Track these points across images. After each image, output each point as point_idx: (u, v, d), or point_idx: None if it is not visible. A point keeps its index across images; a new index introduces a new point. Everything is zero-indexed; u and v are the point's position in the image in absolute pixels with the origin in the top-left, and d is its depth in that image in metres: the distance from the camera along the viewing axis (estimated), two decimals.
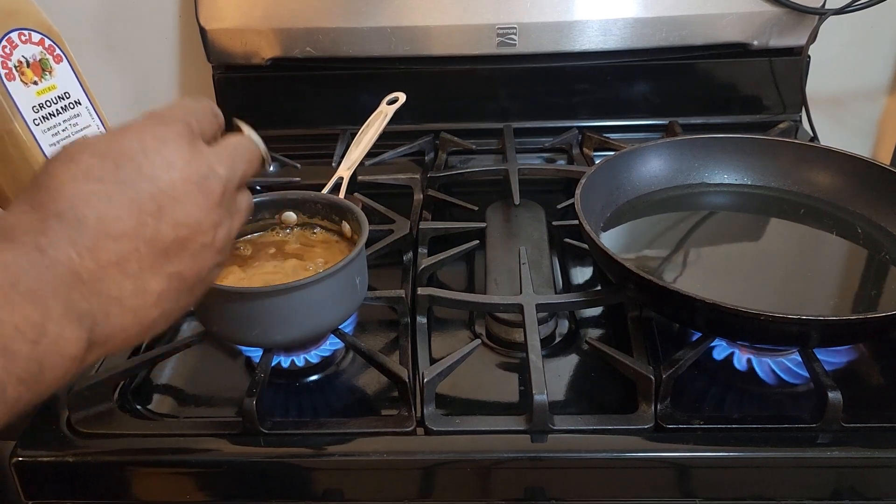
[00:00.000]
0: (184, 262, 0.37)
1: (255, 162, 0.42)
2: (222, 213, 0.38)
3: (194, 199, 0.37)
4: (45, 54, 0.49)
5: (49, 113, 0.49)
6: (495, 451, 0.48)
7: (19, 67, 0.47)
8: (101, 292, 0.34)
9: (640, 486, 0.49)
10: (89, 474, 0.50)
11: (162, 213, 0.35)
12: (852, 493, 0.48)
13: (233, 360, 0.59)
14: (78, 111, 0.51)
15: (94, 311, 0.33)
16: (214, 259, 0.39)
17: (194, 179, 0.37)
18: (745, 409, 0.52)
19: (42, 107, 0.48)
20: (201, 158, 0.38)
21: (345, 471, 0.49)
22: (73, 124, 0.50)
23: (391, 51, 0.86)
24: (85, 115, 0.51)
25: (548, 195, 0.78)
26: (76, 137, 0.49)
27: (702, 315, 0.51)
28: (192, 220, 0.36)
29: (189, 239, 0.36)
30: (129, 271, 0.34)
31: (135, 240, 0.34)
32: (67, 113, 0.50)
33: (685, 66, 0.88)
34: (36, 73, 0.48)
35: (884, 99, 0.98)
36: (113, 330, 0.34)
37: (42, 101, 0.48)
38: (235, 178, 0.40)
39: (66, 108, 0.50)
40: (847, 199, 0.66)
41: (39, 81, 0.48)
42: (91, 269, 0.33)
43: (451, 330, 0.61)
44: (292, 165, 0.86)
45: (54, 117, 0.49)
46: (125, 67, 0.98)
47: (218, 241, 0.38)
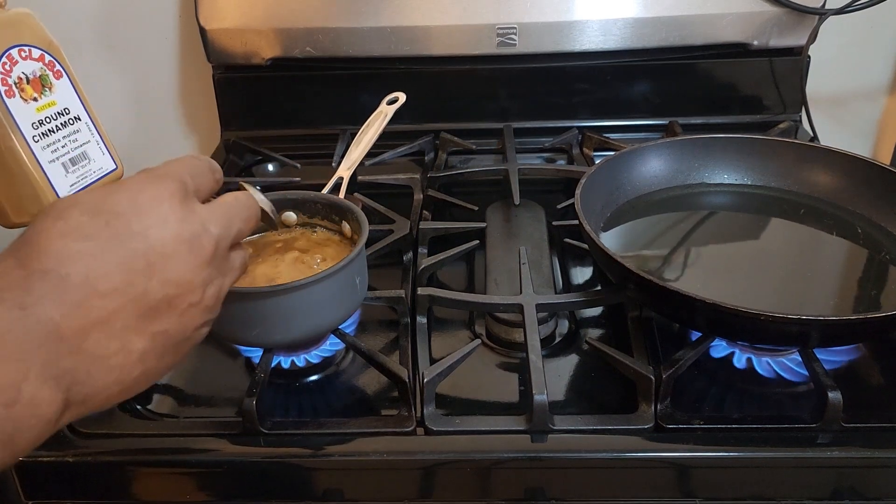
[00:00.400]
0: (170, 321, 0.36)
1: (251, 220, 0.42)
2: (213, 271, 0.38)
3: (184, 257, 0.36)
4: (45, 70, 0.49)
5: (49, 129, 0.48)
6: (495, 451, 0.48)
7: (19, 84, 0.47)
8: (83, 350, 0.33)
9: (640, 486, 0.49)
10: (89, 474, 0.50)
11: (151, 271, 0.35)
12: (852, 493, 0.48)
13: (233, 360, 0.59)
14: (77, 127, 0.50)
15: (75, 370, 0.33)
16: (202, 318, 0.38)
17: (186, 238, 0.36)
18: (745, 409, 0.52)
19: (42, 123, 0.48)
20: (194, 217, 0.37)
21: (345, 471, 0.49)
22: (72, 140, 0.50)
23: (391, 51, 0.86)
24: (84, 130, 0.51)
25: (548, 195, 0.78)
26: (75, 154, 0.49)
27: (702, 315, 0.51)
28: (181, 278, 0.36)
29: (177, 297, 0.36)
30: (113, 330, 0.34)
31: (122, 298, 0.34)
32: (67, 129, 0.50)
33: (685, 66, 0.88)
34: (36, 90, 0.48)
35: (884, 99, 0.98)
36: (92, 389, 0.34)
37: (42, 118, 0.48)
38: (229, 236, 0.39)
39: (65, 123, 0.49)
40: (847, 199, 0.66)
41: (39, 98, 0.48)
42: (74, 328, 0.33)
43: (451, 330, 0.61)
44: (292, 165, 0.86)
45: (54, 133, 0.49)
46: (125, 67, 0.98)
47: (207, 299, 0.38)
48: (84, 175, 0.50)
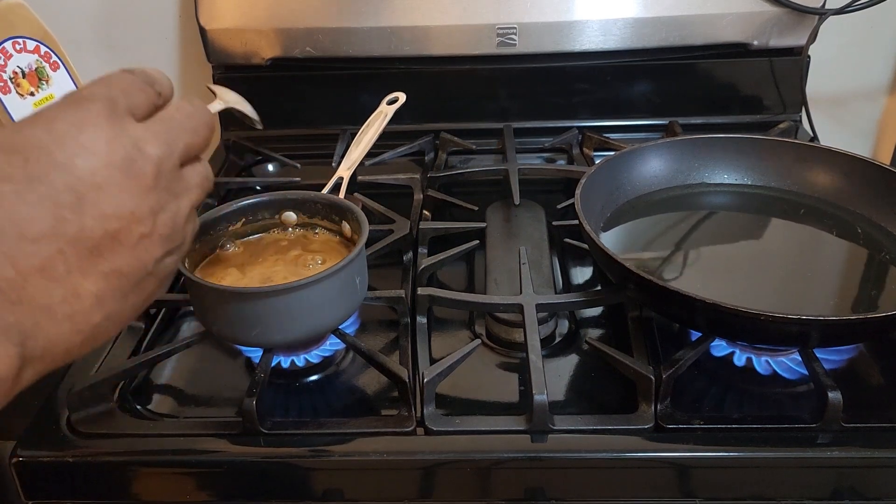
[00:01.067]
0: (121, 258, 0.33)
1: (201, 130, 0.38)
2: (162, 195, 0.34)
3: (121, 185, 0.32)
4: (42, 62, 0.47)
5: None
6: (495, 451, 0.48)
7: (14, 79, 0.45)
8: (24, 301, 0.30)
9: (640, 487, 0.49)
10: (89, 474, 0.50)
11: (83, 205, 0.31)
12: (852, 494, 0.48)
13: (233, 360, 0.59)
14: None
15: (21, 323, 0.30)
16: (161, 248, 0.35)
17: (118, 163, 0.32)
18: (745, 409, 0.52)
19: None
20: (125, 138, 0.33)
21: (345, 471, 0.49)
22: None
23: (391, 51, 0.86)
24: None
25: (548, 195, 0.78)
26: None
27: (702, 315, 0.51)
28: (121, 209, 0.32)
29: (122, 231, 0.33)
30: (55, 275, 0.31)
31: (56, 240, 0.31)
32: None
33: (685, 66, 0.88)
34: (32, 83, 0.46)
35: (884, 99, 0.98)
36: (48, 342, 0.31)
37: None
38: (174, 154, 0.35)
39: None
40: (847, 199, 0.66)
41: (36, 91, 0.47)
42: (10, 279, 0.30)
43: (451, 330, 0.61)
44: (292, 165, 0.86)
45: None
46: (125, 67, 0.98)
47: (160, 227, 0.34)
48: None
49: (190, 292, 0.53)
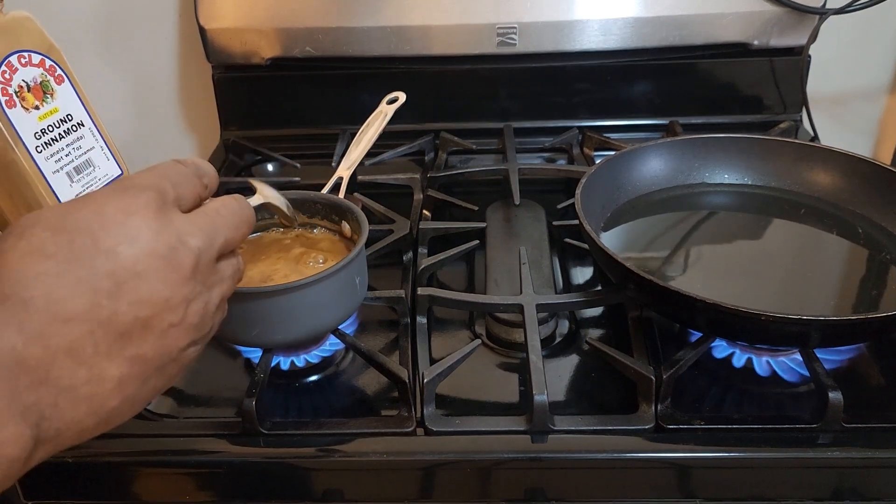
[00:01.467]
0: (148, 344, 0.33)
1: (242, 227, 0.39)
2: (196, 286, 0.35)
3: (160, 274, 0.33)
4: (46, 76, 0.47)
5: (52, 138, 0.46)
6: (495, 451, 0.48)
7: (20, 93, 0.45)
8: (49, 381, 0.30)
9: (640, 487, 0.49)
10: (88, 474, 0.50)
11: (121, 291, 0.32)
12: (853, 494, 0.48)
13: (232, 361, 0.58)
14: (81, 133, 0.49)
15: (41, 403, 0.30)
16: (188, 337, 0.35)
17: (161, 253, 0.33)
18: (746, 409, 0.52)
19: (44, 132, 0.46)
20: (170, 229, 0.34)
21: (345, 471, 0.49)
22: (76, 148, 0.48)
23: (391, 51, 0.86)
24: (88, 136, 0.49)
25: (548, 195, 0.78)
26: (80, 162, 0.48)
27: (702, 315, 0.51)
28: (156, 297, 0.33)
29: (153, 318, 0.33)
30: (82, 357, 0.31)
31: (88, 322, 0.31)
32: (70, 136, 0.48)
33: (685, 65, 0.88)
34: (37, 97, 0.46)
35: (884, 98, 0.98)
36: (63, 423, 0.31)
37: (44, 127, 0.46)
38: (214, 247, 0.36)
39: (68, 131, 0.48)
40: (848, 199, 0.66)
41: (41, 106, 0.46)
42: (38, 357, 0.30)
43: (451, 330, 0.61)
44: (292, 165, 0.86)
45: (57, 142, 0.47)
46: (125, 67, 0.98)
47: (190, 317, 0.35)
48: (90, 183, 0.49)
49: None
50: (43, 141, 0.46)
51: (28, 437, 0.29)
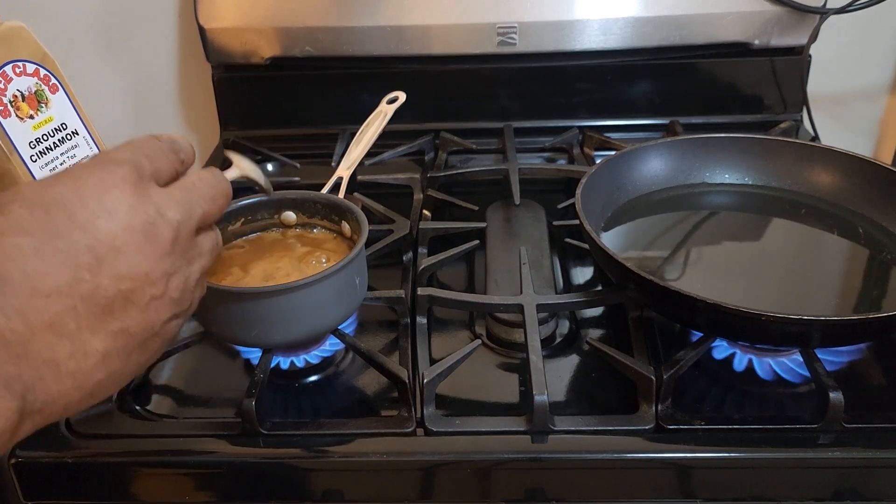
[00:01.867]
0: (130, 318, 0.33)
1: (220, 199, 0.39)
2: (176, 260, 0.35)
3: (139, 248, 0.33)
4: (41, 85, 0.47)
5: (46, 147, 0.46)
6: (495, 451, 0.48)
7: (14, 102, 0.45)
8: (31, 355, 0.30)
9: (640, 487, 0.49)
10: (88, 475, 0.50)
11: (101, 265, 0.32)
12: (854, 494, 0.48)
13: (232, 361, 0.58)
14: (76, 142, 0.49)
15: (24, 376, 0.30)
16: (169, 310, 0.35)
17: (138, 227, 0.33)
18: (746, 409, 0.52)
19: (39, 141, 0.46)
20: (148, 203, 0.34)
21: (344, 472, 0.49)
22: (71, 156, 0.48)
23: (391, 50, 0.86)
24: (83, 145, 0.49)
25: (548, 195, 0.78)
26: None
27: (703, 315, 0.51)
28: (137, 271, 0.33)
29: (135, 291, 0.33)
30: (64, 331, 0.31)
31: (70, 296, 0.31)
32: (65, 145, 0.48)
33: (686, 65, 0.88)
34: (31, 107, 0.46)
35: (885, 98, 0.98)
36: (50, 396, 0.31)
37: (39, 136, 0.46)
38: (192, 220, 0.37)
39: (63, 139, 0.47)
40: (848, 199, 0.66)
41: (35, 115, 0.46)
42: (19, 331, 0.30)
43: (451, 330, 0.61)
44: (292, 165, 0.86)
45: (52, 151, 0.47)
46: (124, 67, 0.98)
47: (171, 291, 0.35)
48: None
49: None
50: (38, 150, 0.46)
51: (14, 409, 0.29)
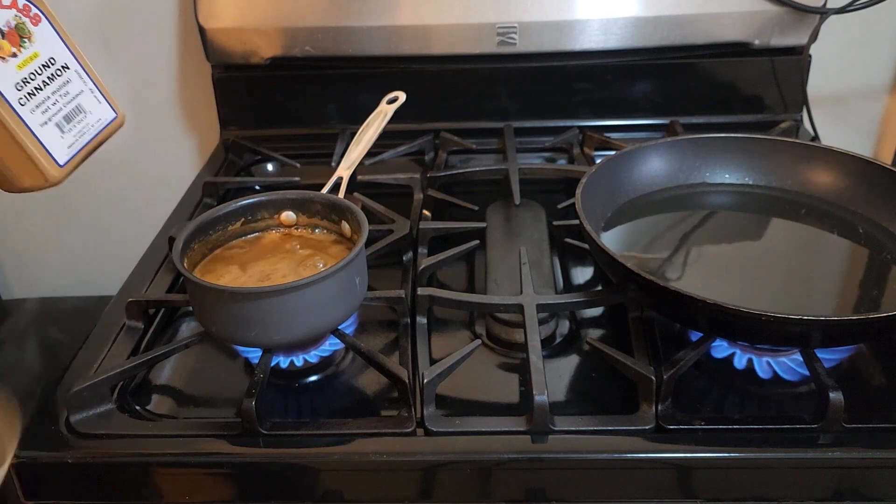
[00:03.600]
0: None
1: None
2: None
3: None
4: (21, 17, 0.42)
5: (35, 87, 0.41)
6: (495, 451, 0.48)
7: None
8: None
9: (641, 487, 0.49)
10: (88, 475, 0.50)
11: None
12: (854, 494, 0.48)
13: (232, 361, 0.58)
14: (67, 77, 0.44)
15: None
16: None
17: None
18: (747, 409, 0.52)
19: (26, 82, 0.41)
20: None
21: (344, 472, 0.49)
22: (63, 94, 0.43)
23: (391, 50, 0.86)
24: (75, 80, 0.44)
25: (548, 195, 0.78)
26: (69, 110, 0.43)
27: (703, 315, 0.51)
28: None
29: None
30: None
31: None
32: (56, 82, 0.43)
33: (686, 65, 0.88)
34: (13, 43, 0.41)
35: (885, 98, 0.98)
36: None
37: (25, 76, 0.41)
38: None
39: (53, 76, 0.43)
40: (848, 199, 0.66)
41: (19, 52, 0.41)
42: None
43: (451, 330, 0.61)
44: (292, 165, 0.86)
45: (41, 91, 0.42)
46: (124, 67, 0.98)
47: None
48: (82, 131, 0.45)
49: (189, 292, 0.53)
50: (25, 92, 0.41)
51: None
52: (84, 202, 1.08)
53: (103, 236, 1.11)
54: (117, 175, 1.05)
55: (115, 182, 1.06)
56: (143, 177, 1.06)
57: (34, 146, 0.41)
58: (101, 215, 1.09)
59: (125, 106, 1.03)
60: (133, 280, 0.67)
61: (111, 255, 1.13)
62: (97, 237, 1.11)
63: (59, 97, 0.43)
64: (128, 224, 1.09)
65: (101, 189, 1.07)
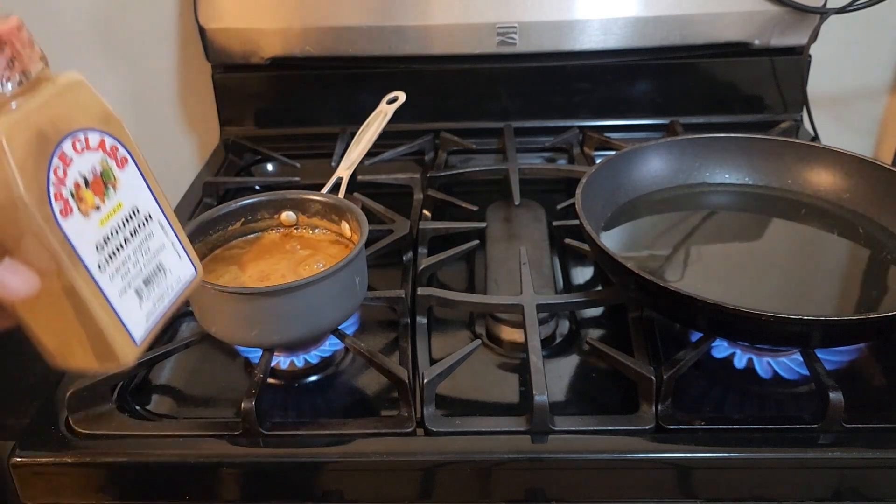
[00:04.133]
0: None
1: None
2: None
3: None
4: (107, 160, 0.35)
5: (117, 246, 0.35)
6: (495, 451, 0.48)
7: (77, 192, 0.33)
8: None
9: (641, 487, 0.49)
10: (88, 475, 0.50)
11: None
12: (854, 494, 0.48)
13: (232, 361, 0.58)
14: (150, 229, 0.37)
15: None
16: None
17: None
18: (747, 409, 0.52)
19: (107, 241, 0.34)
20: None
21: (344, 472, 0.49)
22: (145, 251, 0.37)
23: (391, 50, 0.86)
24: (158, 232, 0.38)
25: (548, 195, 0.78)
26: (149, 270, 0.37)
27: (703, 315, 0.50)
28: None
29: None
30: None
31: None
32: (137, 238, 0.36)
33: (686, 65, 0.88)
34: (97, 193, 0.34)
35: (885, 98, 0.98)
36: None
37: (107, 233, 0.34)
38: None
39: (136, 230, 0.36)
40: (848, 199, 0.66)
41: (102, 204, 0.34)
42: None
43: (451, 330, 0.61)
44: (292, 165, 0.86)
45: (122, 250, 0.35)
46: (124, 67, 0.98)
47: None
48: (161, 296, 0.38)
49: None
50: (106, 254, 0.34)
51: None
52: None
53: None
54: None
55: None
56: None
57: (111, 322, 0.34)
58: None
59: (126, 106, 1.03)
60: None
61: None
62: None
63: (141, 255, 0.37)
64: None
65: None
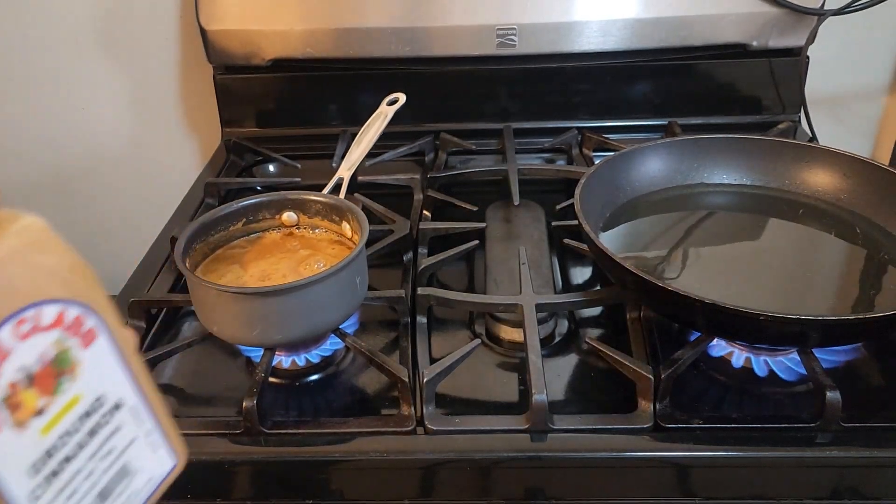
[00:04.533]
0: None
1: None
2: None
3: None
4: (66, 339, 0.26)
5: (64, 458, 0.26)
6: (495, 450, 0.49)
7: (11, 397, 0.24)
8: None
9: (639, 486, 0.49)
10: None
11: None
12: (852, 493, 0.48)
13: (233, 360, 0.59)
14: (118, 423, 0.28)
15: None
16: None
17: None
18: (745, 408, 0.52)
19: (51, 454, 0.26)
20: None
21: (345, 470, 0.49)
22: (105, 454, 0.28)
23: (391, 51, 0.86)
24: (128, 423, 0.29)
25: (548, 195, 0.78)
26: (111, 476, 0.28)
27: (701, 315, 0.51)
28: None
29: None
30: None
31: None
32: (98, 438, 0.28)
33: (685, 66, 0.88)
34: (45, 389, 0.25)
35: (883, 99, 0.99)
36: None
37: (51, 444, 0.26)
38: None
39: (95, 429, 0.28)
40: (846, 200, 0.66)
41: (50, 403, 0.25)
42: None
43: (451, 330, 0.61)
44: (293, 166, 0.86)
45: (73, 461, 0.27)
46: (126, 68, 0.99)
47: None
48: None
49: (191, 292, 0.53)
50: (46, 472, 0.26)
51: None
52: (85, 202, 1.08)
53: (105, 236, 1.11)
54: (119, 176, 1.06)
55: (116, 182, 1.06)
56: (145, 177, 1.06)
57: None
58: (103, 216, 1.10)
59: (127, 107, 1.03)
60: (135, 280, 0.67)
61: (113, 255, 1.13)
62: (98, 237, 1.11)
63: (99, 461, 0.28)
64: (129, 224, 1.10)
65: (103, 189, 1.07)
